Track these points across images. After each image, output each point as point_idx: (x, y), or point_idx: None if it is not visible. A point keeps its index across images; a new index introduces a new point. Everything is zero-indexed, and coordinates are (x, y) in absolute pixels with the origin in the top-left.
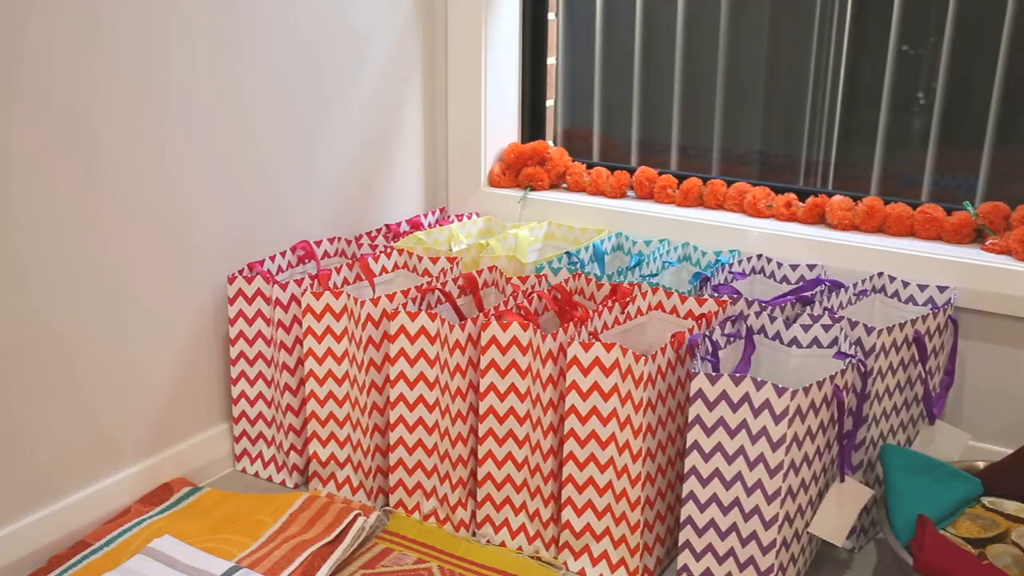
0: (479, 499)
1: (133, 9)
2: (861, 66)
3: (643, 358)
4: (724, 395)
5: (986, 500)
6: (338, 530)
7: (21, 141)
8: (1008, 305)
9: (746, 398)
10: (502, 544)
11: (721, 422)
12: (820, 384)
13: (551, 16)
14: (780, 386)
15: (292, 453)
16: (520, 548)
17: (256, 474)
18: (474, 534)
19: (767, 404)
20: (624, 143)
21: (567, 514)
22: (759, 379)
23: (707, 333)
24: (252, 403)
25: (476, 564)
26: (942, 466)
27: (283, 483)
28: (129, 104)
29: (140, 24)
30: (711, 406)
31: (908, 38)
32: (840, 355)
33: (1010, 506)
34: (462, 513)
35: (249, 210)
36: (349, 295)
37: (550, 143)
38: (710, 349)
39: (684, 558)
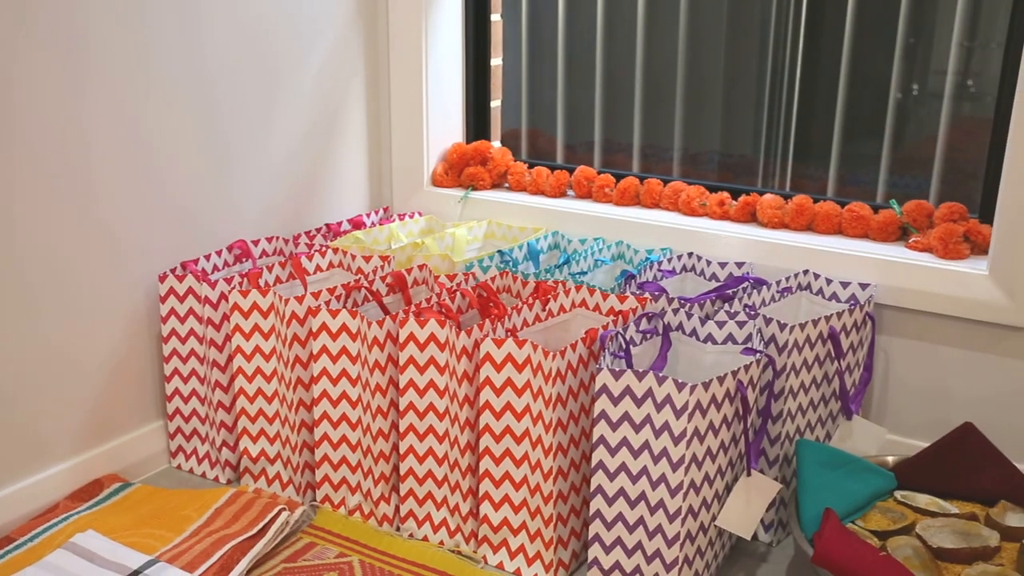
0: (402, 494)
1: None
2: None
3: (552, 354)
4: (628, 390)
5: (899, 494)
6: (260, 524)
7: None
8: (928, 302)
9: (649, 393)
10: (424, 539)
11: (626, 417)
12: (722, 379)
13: (495, 17)
14: (680, 381)
15: (225, 449)
16: (442, 542)
17: (191, 470)
18: (398, 529)
19: (668, 399)
20: (586, 143)
21: (485, 508)
22: (661, 374)
23: (620, 330)
24: (186, 400)
25: (397, 558)
26: (856, 460)
27: (216, 479)
28: (61, 94)
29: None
30: (615, 401)
31: (865, 37)
32: (748, 351)
33: (922, 499)
34: (385, 508)
35: (187, 208)
36: (276, 293)
37: (495, 143)
38: (623, 345)
39: (594, 551)
